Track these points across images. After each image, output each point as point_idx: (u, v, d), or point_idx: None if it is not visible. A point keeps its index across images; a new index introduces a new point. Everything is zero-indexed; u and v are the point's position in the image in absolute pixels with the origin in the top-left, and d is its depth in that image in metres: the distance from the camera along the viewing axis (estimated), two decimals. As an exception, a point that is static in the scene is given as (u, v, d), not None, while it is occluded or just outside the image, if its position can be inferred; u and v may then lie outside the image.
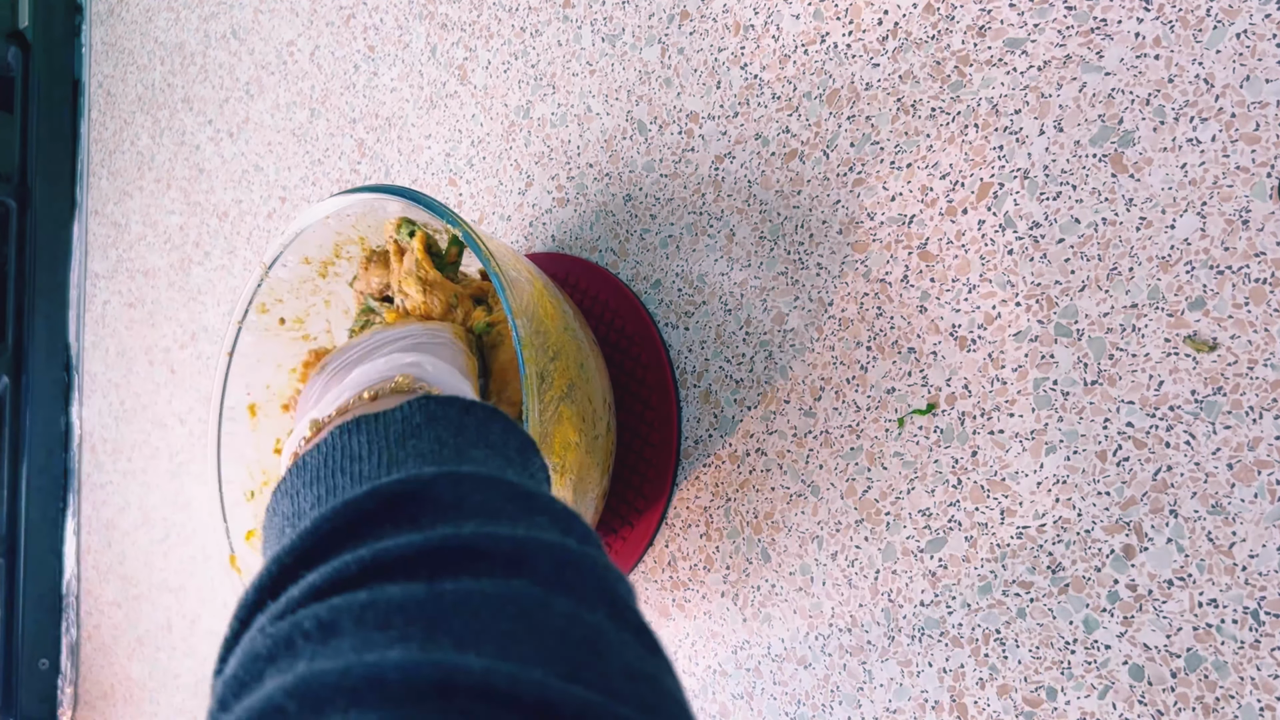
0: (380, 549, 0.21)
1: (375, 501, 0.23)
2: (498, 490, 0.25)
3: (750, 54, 0.50)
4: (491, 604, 0.20)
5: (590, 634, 0.20)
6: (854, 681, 0.44)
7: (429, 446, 0.27)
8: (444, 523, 0.23)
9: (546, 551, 0.22)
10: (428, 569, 0.21)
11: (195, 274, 0.91)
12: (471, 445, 0.28)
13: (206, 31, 0.91)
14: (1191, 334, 0.36)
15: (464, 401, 0.30)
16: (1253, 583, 0.34)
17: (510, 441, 0.30)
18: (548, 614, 0.20)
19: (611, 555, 0.54)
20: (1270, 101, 0.35)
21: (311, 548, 0.22)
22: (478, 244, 0.40)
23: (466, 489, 0.24)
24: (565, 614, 0.21)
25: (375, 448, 0.27)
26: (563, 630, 0.20)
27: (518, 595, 0.20)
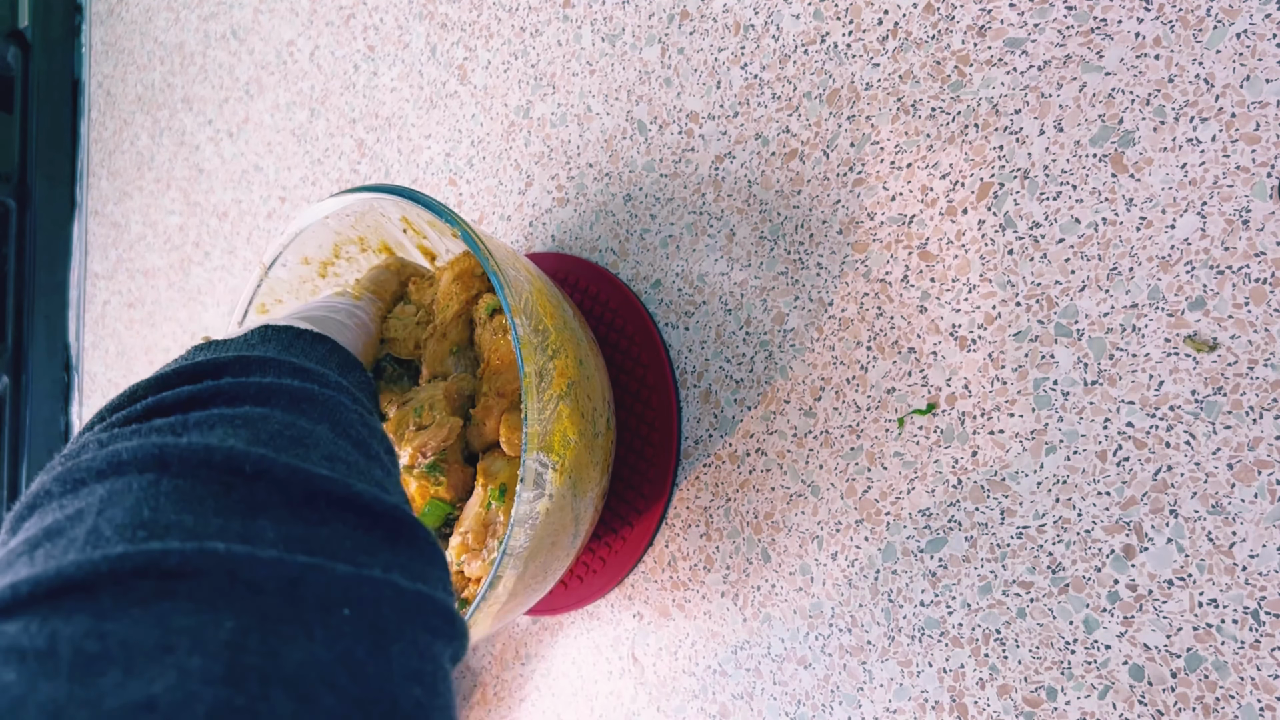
0: (160, 396, 0.27)
1: (177, 375, 0.29)
2: (280, 367, 0.30)
3: (750, 54, 0.50)
4: (225, 420, 0.26)
5: (300, 433, 0.26)
6: (854, 681, 0.44)
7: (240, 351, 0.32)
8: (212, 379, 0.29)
9: (289, 391, 0.28)
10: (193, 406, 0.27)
11: (195, 274, 0.91)
12: (293, 356, 0.33)
13: (206, 31, 0.91)
14: (1191, 334, 0.36)
15: (297, 329, 0.36)
16: (1253, 583, 0.34)
17: (332, 359, 0.36)
18: (267, 421, 0.26)
19: (611, 555, 0.54)
20: (1270, 101, 0.35)
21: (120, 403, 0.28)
22: (477, 244, 0.40)
23: (254, 366, 0.30)
24: (284, 421, 0.27)
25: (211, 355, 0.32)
26: (276, 431, 0.26)
27: (249, 414, 0.26)
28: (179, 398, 0.27)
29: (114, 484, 0.22)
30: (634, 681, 0.53)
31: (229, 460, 0.23)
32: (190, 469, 0.23)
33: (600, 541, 0.54)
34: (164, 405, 0.27)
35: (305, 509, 0.23)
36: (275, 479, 0.23)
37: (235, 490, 0.23)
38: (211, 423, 0.25)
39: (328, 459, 0.26)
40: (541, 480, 0.38)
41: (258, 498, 0.23)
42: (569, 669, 0.56)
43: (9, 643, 0.17)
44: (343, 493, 0.24)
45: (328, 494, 0.24)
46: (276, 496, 0.23)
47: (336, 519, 0.24)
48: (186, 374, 0.29)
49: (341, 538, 0.23)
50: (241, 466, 0.23)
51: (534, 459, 0.38)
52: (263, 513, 0.22)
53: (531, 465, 0.38)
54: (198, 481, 0.22)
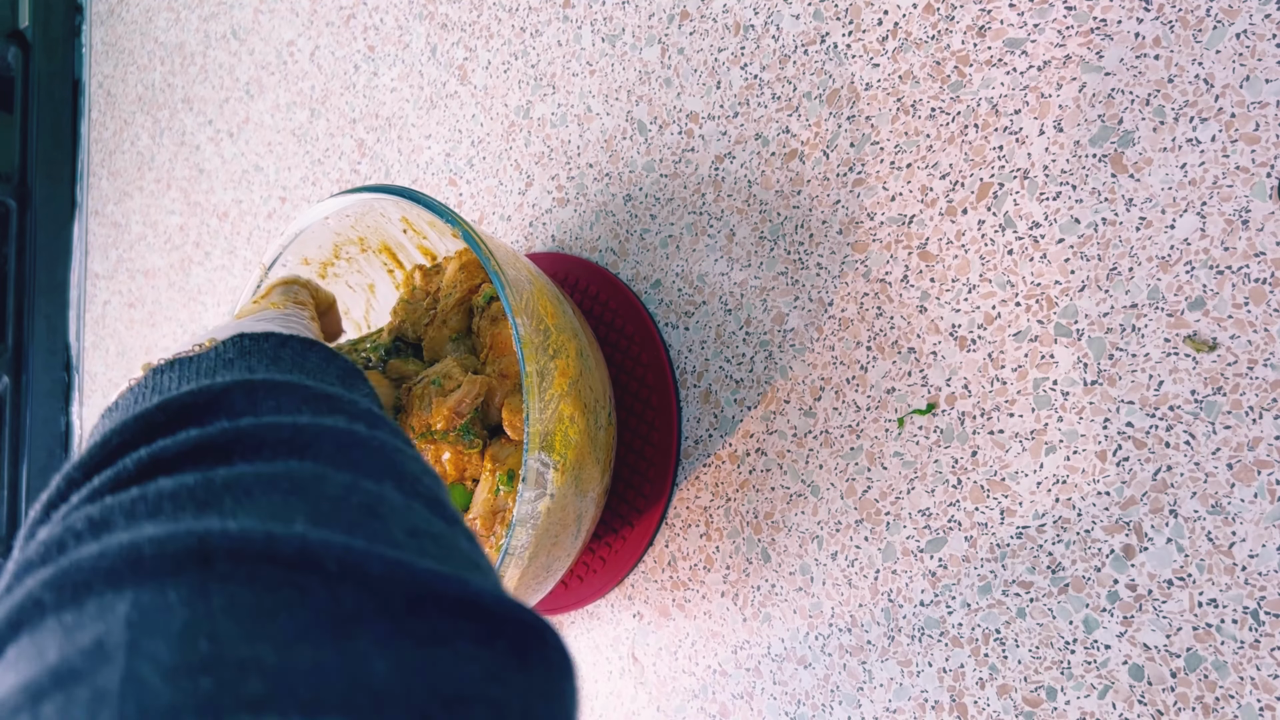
0: (158, 448, 0.21)
1: (165, 413, 0.22)
2: (294, 394, 0.24)
3: (750, 54, 0.50)
4: (264, 481, 0.19)
5: (369, 500, 0.20)
6: (854, 681, 0.44)
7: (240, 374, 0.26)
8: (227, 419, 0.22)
9: (330, 435, 0.22)
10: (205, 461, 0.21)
11: (195, 274, 0.91)
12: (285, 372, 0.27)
13: (206, 32, 0.91)
14: (1191, 334, 0.36)
15: (280, 335, 0.29)
16: (1253, 583, 0.34)
17: (330, 369, 0.29)
18: (322, 485, 0.20)
19: (611, 555, 0.54)
20: (1270, 101, 0.35)
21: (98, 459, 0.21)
22: (478, 244, 0.40)
23: (260, 395, 0.23)
24: (343, 484, 0.20)
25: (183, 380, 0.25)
26: (338, 498, 0.20)
27: (293, 472, 0.20)
28: (185, 446, 0.21)
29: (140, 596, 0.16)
30: (634, 681, 0.53)
31: (302, 553, 0.17)
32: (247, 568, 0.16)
33: (600, 541, 0.54)
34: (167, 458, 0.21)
35: (412, 620, 0.17)
36: (367, 577, 0.17)
37: (313, 595, 0.16)
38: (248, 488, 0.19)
39: (410, 534, 0.20)
40: (543, 479, 0.38)
41: (347, 607, 0.17)
42: (569, 669, 0.56)
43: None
44: (457, 592, 0.18)
45: (437, 596, 0.18)
46: (371, 603, 0.17)
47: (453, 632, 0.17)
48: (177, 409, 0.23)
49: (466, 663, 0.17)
50: (320, 561, 0.17)
51: (535, 458, 0.38)
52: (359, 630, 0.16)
53: (533, 465, 0.38)
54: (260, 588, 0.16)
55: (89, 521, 0.18)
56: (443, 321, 0.49)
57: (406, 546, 0.19)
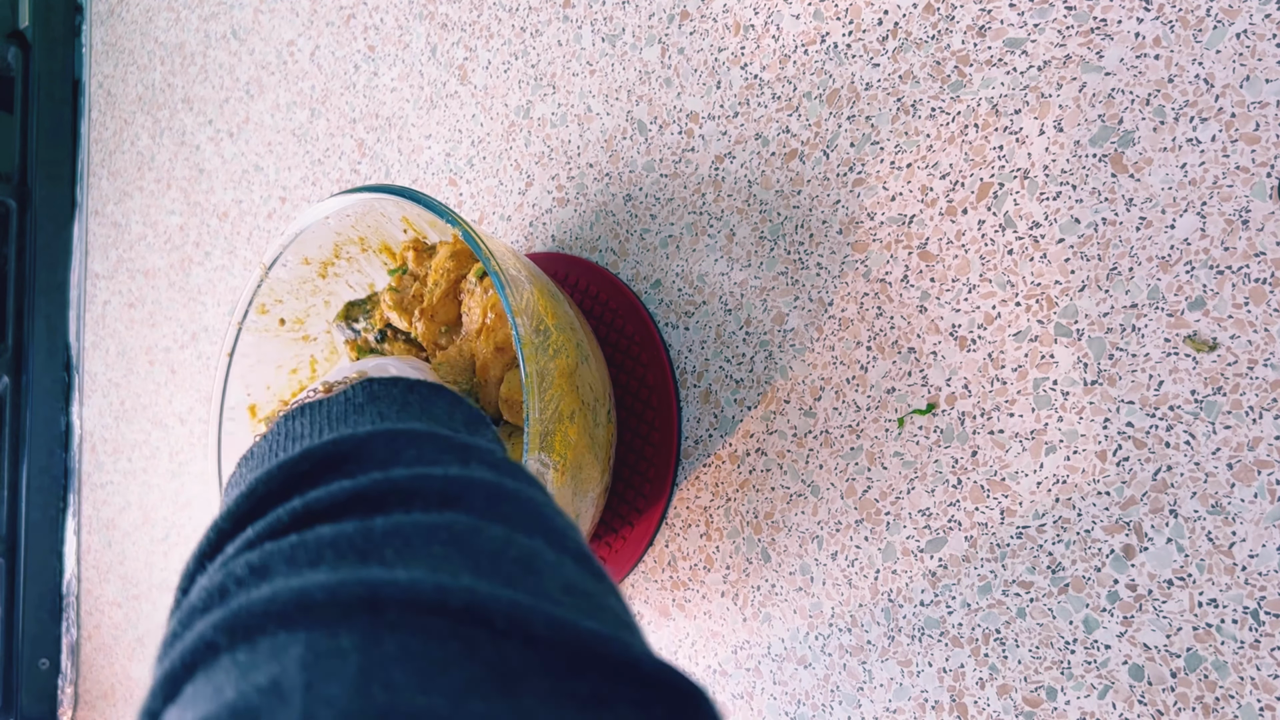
0: (311, 498, 0.21)
1: (309, 462, 0.23)
2: (434, 443, 0.24)
3: (750, 54, 0.50)
4: (422, 532, 0.20)
5: (525, 554, 0.20)
6: (854, 681, 0.44)
7: (370, 421, 0.27)
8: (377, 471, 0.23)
9: (480, 487, 0.22)
10: (359, 511, 0.21)
11: (195, 274, 0.91)
12: (414, 419, 0.27)
13: (206, 31, 0.91)
14: (1191, 334, 0.36)
15: (409, 380, 0.30)
16: (1253, 583, 0.34)
17: (456, 414, 0.29)
18: (479, 538, 0.20)
19: (611, 555, 0.54)
20: (1270, 101, 0.35)
21: (246, 509, 0.22)
22: (478, 243, 0.40)
23: (402, 444, 0.24)
24: (498, 538, 0.20)
25: (316, 426, 0.26)
26: (496, 552, 0.20)
27: (450, 524, 0.20)
28: (338, 497, 0.21)
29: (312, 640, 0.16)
30: (634, 681, 0.53)
31: (470, 607, 0.17)
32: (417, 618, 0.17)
33: (600, 541, 0.54)
34: (321, 508, 0.21)
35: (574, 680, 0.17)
36: (532, 634, 0.17)
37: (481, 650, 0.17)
38: (407, 538, 0.19)
39: (565, 590, 0.20)
40: (542, 479, 0.38)
41: (513, 664, 0.17)
42: (569, 669, 0.56)
43: None
44: (620, 655, 0.18)
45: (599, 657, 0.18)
46: (536, 661, 0.17)
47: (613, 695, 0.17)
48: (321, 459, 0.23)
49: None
50: (489, 616, 0.17)
51: (535, 459, 0.38)
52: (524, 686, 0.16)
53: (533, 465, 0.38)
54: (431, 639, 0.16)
55: (249, 568, 0.19)
56: (431, 315, 0.50)
57: (563, 604, 0.19)
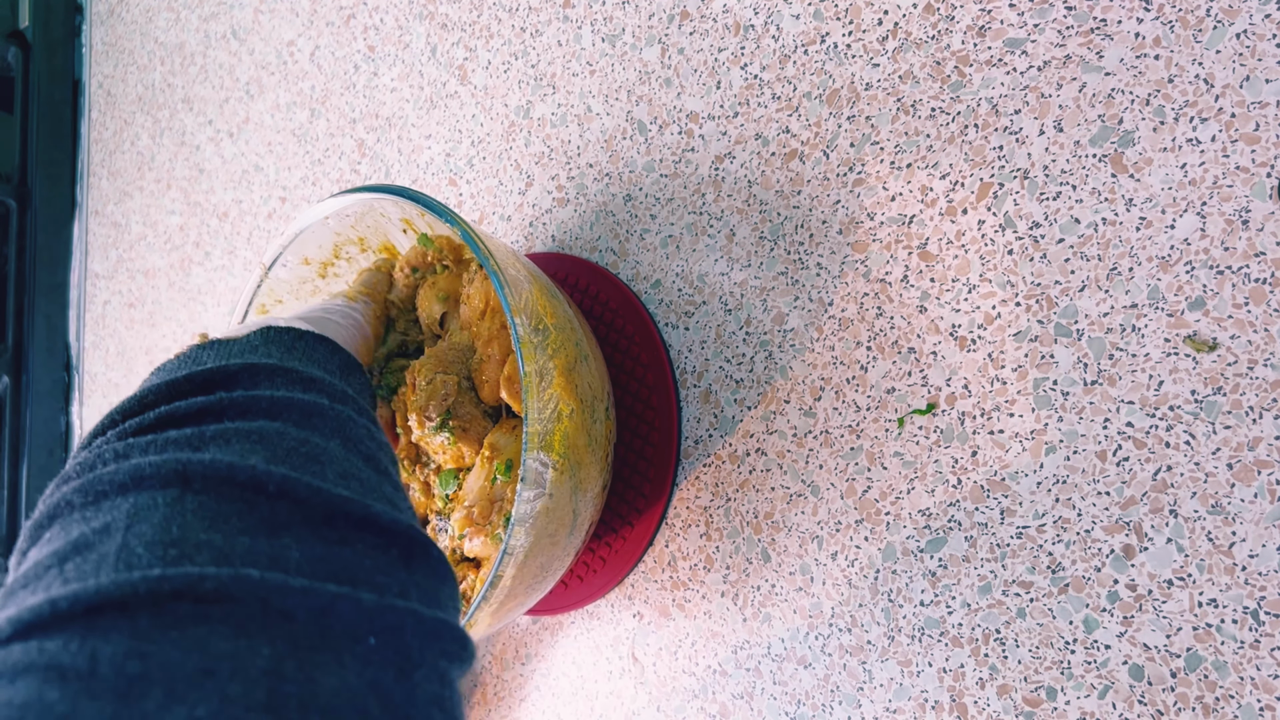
0: (174, 406, 0.28)
1: (190, 383, 0.29)
2: (288, 376, 0.31)
3: (750, 54, 0.50)
4: (240, 433, 0.26)
5: (315, 450, 0.27)
6: (854, 681, 0.44)
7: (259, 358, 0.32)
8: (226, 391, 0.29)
9: (300, 405, 0.29)
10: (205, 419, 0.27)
11: (195, 274, 0.91)
12: (295, 360, 0.34)
13: (206, 31, 0.91)
14: (1191, 334, 0.36)
15: (299, 330, 0.37)
16: (1253, 583, 0.34)
17: (334, 360, 0.36)
18: (283, 438, 0.27)
19: (611, 555, 0.54)
20: (1270, 101, 0.35)
21: (133, 407, 0.28)
22: (477, 244, 0.40)
23: (262, 376, 0.30)
24: (299, 438, 0.27)
25: (217, 357, 0.32)
26: (291, 447, 0.26)
27: (262, 428, 0.27)
28: (192, 409, 0.27)
29: (138, 499, 0.22)
30: (634, 681, 0.53)
31: (252, 479, 0.24)
32: (213, 486, 0.23)
33: (600, 541, 0.54)
34: (177, 415, 0.27)
35: (326, 529, 0.24)
36: (297, 498, 0.24)
37: (258, 509, 0.23)
38: (228, 437, 0.26)
39: (342, 476, 0.26)
40: (542, 479, 0.38)
41: (280, 517, 0.23)
42: (569, 669, 0.56)
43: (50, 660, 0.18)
44: (361, 513, 0.25)
45: (346, 514, 0.24)
46: (298, 515, 0.24)
47: (356, 539, 0.24)
48: (198, 382, 0.29)
49: (361, 558, 0.24)
50: (264, 485, 0.24)
51: (534, 458, 0.38)
52: (286, 532, 0.23)
53: (532, 465, 0.38)
54: (221, 499, 0.23)
55: (115, 453, 0.25)
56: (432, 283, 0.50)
57: (335, 484, 0.26)
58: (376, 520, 0.25)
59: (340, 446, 0.28)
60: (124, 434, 0.27)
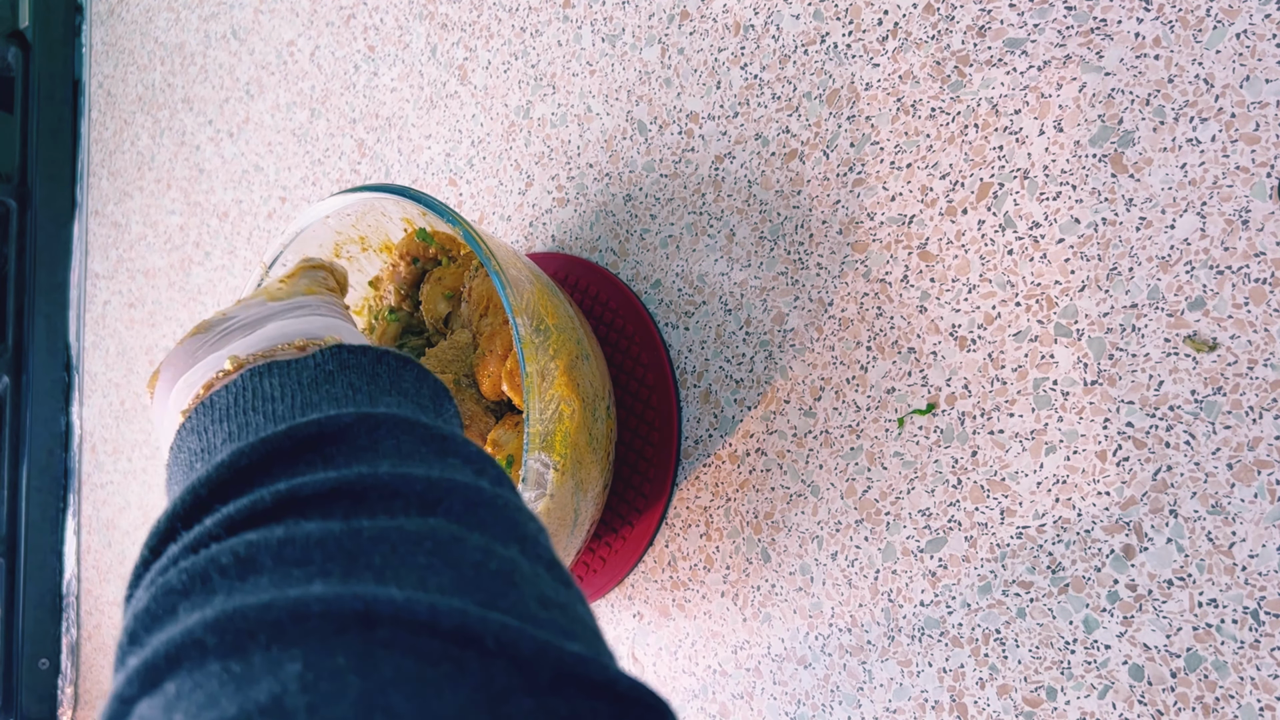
0: (296, 484, 0.21)
1: (292, 441, 0.23)
2: (413, 433, 0.25)
3: (750, 54, 0.50)
4: (408, 539, 0.20)
5: (504, 566, 0.21)
6: (854, 681, 0.44)
7: (342, 392, 0.27)
8: (359, 462, 0.23)
9: (460, 491, 0.23)
10: (343, 506, 0.21)
11: (195, 274, 0.91)
12: (384, 393, 0.28)
13: (206, 32, 0.91)
14: (1191, 334, 0.36)
15: (377, 350, 0.30)
16: (1253, 583, 0.34)
17: (423, 389, 0.30)
18: (462, 548, 0.21)
19: (611, 555, 0.54)
20: (1270, 101, 0.35)
21: (228, 480, 0.22)
22: (478, 243, 0.40)
23: (382, 433, 0.25)
24: (479, 548, 0.21)
25: (288, 390, 0.27)
26: (478, 563, 0.20)
27: (433, 531, 0.21)
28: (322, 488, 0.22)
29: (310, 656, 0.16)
30: (634, 681, 0.53)
31: (463, 628, 0.18)
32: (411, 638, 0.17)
33: (600, 541, 0.54)
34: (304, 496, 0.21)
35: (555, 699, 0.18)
36: (519, 655, 0.18)
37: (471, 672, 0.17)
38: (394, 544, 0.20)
39: (542, 604, 0.20)
40: (543, 480, 0.38)
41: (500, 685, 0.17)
42: (569, 669, 0.56)
43: None
44: (598, 675, 0.18)
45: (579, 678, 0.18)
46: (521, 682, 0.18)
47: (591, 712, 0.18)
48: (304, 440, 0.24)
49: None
50: (480, 638, 0.18)
51: (535, 459, 0.38)
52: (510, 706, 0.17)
53: (533, 465, 0.38)
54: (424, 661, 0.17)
55: (234, 558, 0.19)
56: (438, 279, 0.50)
57: (541, 619, 0.20)
58: (613, 685, 0.18)
59: (522, 555, 0.22)
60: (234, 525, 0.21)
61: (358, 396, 0.27)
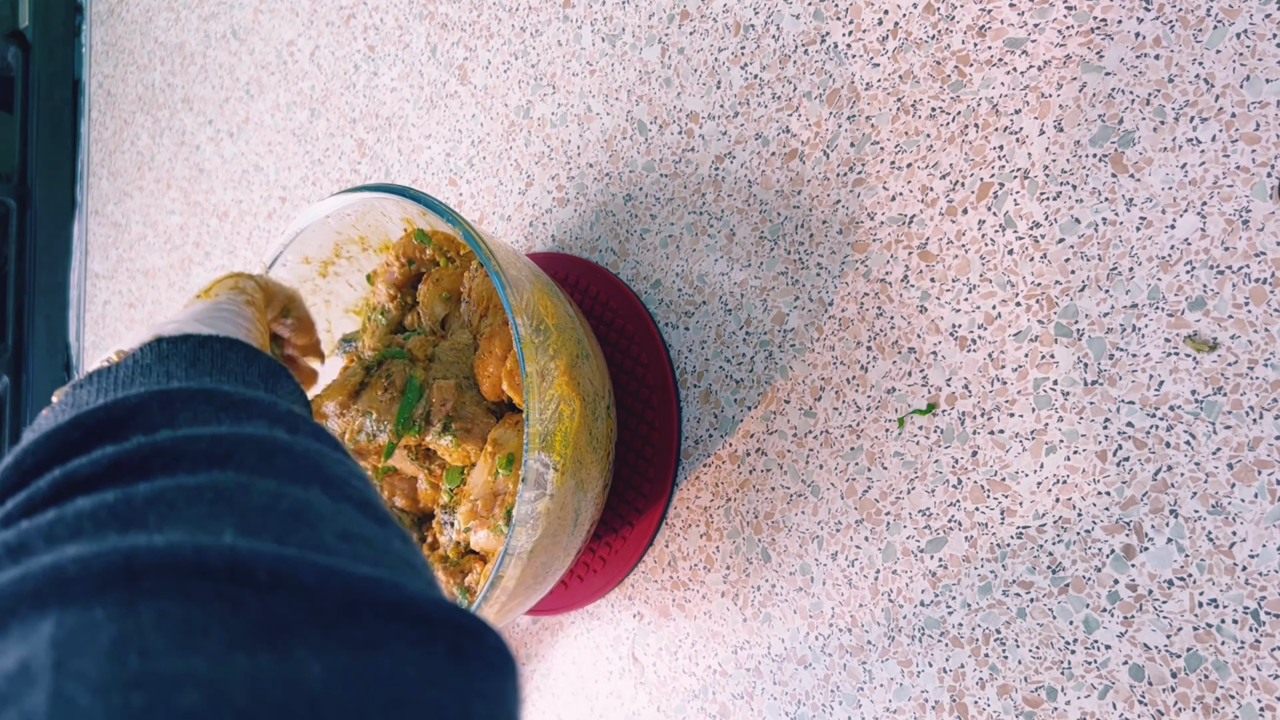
0: (72, 467, 0.20)
1: (79, 430, 0.22)
2: (211, 402, 0.24)
3: (750, 54, 0.50)
4: (187, 494, 0.19)
5: (297, 506, 0.20)
6: (854, 681, 0.44)
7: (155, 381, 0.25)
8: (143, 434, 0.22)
9: (251, 443, 0.22)
10: (123, 478, 0.20)
11: (196, 274, 0.91)
12: (204, 374, 0.27)
13: (206, 31, 0.91)
14: (1191, 334, 0.36)
15: (199, 336, 0.29)
16: (1253, 583, 0.34)
17: (251, 369, 0.29)
18: (247, 494, 0.20)
19: (611, 555, 0.54)
20: (1270, 101, 0.35)
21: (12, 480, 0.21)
22: (478, 243, 0.40)
23: (177, 406, 0.23)
24: (269, 492, 0.20)
25: (101, 392, 0.25)
26: (265, 506, 0.19)
27: (215, 482, 0.20)
28: (100, 465, 0.20)
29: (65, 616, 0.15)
30: (634, 681, 0.53)
31: (233, 565, 0.17)
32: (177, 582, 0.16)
33: (600, 541, 0.54)
34: (81, 477, 0.20)
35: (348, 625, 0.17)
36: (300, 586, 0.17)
37: (247, 609, 0.16)
38: (171, 501, 0.19)
39: (342, 538, 0.20)
40: (543, 480, 0.38)
41: (279, 615, 0.16)
42: (569, 669, 0.56)
43: None
44: (392, 597, 0.18)
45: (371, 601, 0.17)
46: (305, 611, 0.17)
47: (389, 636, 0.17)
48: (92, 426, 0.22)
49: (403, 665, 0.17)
50: (252, 572, 0.17)
51: (535, 459, 0.38)
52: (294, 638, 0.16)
53: (533, 465, 0.38)
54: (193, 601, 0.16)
55: (5, 548, 0.17)
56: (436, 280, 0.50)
57: (338, 551, 0.19)
58: (413, 604, 0.18)
59: (323, 494, 0.21)
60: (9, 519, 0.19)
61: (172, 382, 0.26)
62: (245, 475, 0.21)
